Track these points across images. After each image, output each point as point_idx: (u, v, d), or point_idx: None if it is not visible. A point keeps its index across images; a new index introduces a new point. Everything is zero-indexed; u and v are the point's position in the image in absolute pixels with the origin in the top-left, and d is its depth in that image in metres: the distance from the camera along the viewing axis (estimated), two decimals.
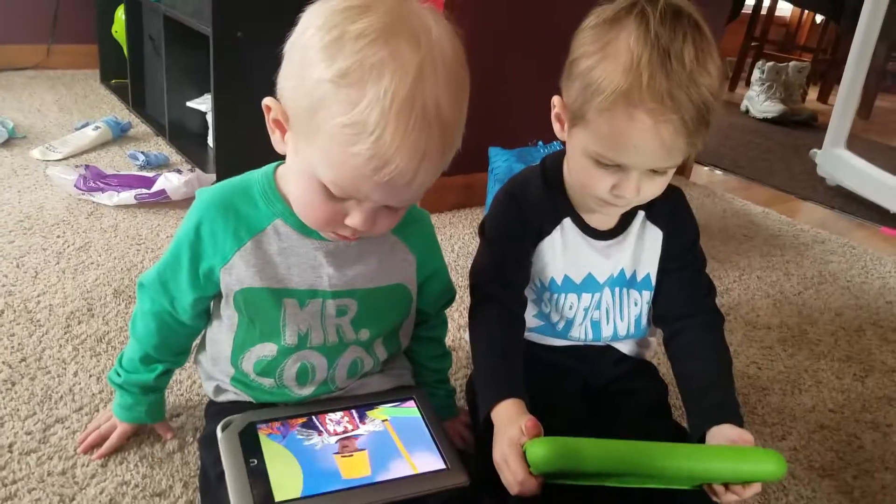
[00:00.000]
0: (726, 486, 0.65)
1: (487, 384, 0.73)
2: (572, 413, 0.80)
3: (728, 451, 0.65)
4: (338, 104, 0.56)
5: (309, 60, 0.57)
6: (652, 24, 0.66)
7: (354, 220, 0.63)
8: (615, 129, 0.68)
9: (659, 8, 0.67)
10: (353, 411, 0.75)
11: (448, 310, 0.87)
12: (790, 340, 1.26)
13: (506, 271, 0.81)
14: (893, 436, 1.02)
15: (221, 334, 0.75)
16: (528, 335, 0.87)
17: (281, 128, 0.64)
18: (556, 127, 0.79)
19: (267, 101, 0.63)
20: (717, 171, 2.34)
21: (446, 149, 0.60)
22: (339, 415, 0.74)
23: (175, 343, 0.79)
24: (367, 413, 0.75)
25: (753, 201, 2.00)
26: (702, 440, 0.71)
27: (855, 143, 2.17)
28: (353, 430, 0.73)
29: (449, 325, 0.89)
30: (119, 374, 0.80)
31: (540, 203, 0.82)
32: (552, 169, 0.83)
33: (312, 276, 0.71)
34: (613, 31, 0.69)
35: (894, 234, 1.88)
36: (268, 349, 0.73)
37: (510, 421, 0.67)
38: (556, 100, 0.77)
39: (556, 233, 0.81)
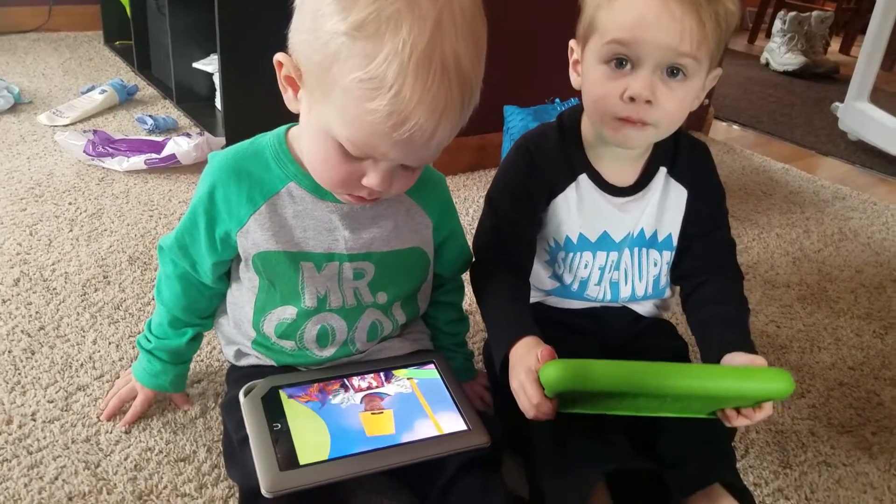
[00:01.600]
0: (738, 411, 0.67)
1: (500, 331, 0.74)
2: None
3: (736, 371, 0.65)
4: (354, 58, 0.54)
5: (322, 12, 0.55)
6: None
7: (371, 179, 0.61)
8: (623, 9, 0.68)
9: None
10: (375, 374, 0.75)
11: (464, 274, 0.86)
12: (809, 298, 1.24)
13: (509, 241, 0.81)
14: None
15: (243, 297, 0.75)
16: (544, 299, 0.87)
17: (293, 85, 0.62)
18: (572, 77, 0.77)
19: (278, 56, 0.62)
20: (736, 126, 2.29)
21: (465, 104, 0.58)
22: (361, 378, 0.75)
23: (201, 304, 0.79)
24: (388, 376, 0.75)
25: (773, 157, 1.96)
26: None
27: (878, 96, 2.10)
28: (378, 387, 0.73)
29: (466, 290, 0.88)
30: (149, 340, 0.80)
31: (555, 156, 0.80)
32: (569, 122, 0.82)
33: (329, 240, 0.71)
34: None
35: None
36: (288, 312, 0.73)
37: (527, 351, 0.68)
38: (572, 43, 0.76)
39: (571, 189, 0.80)
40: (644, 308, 0.87)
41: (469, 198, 1.51)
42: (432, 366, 0.78)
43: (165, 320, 0.79)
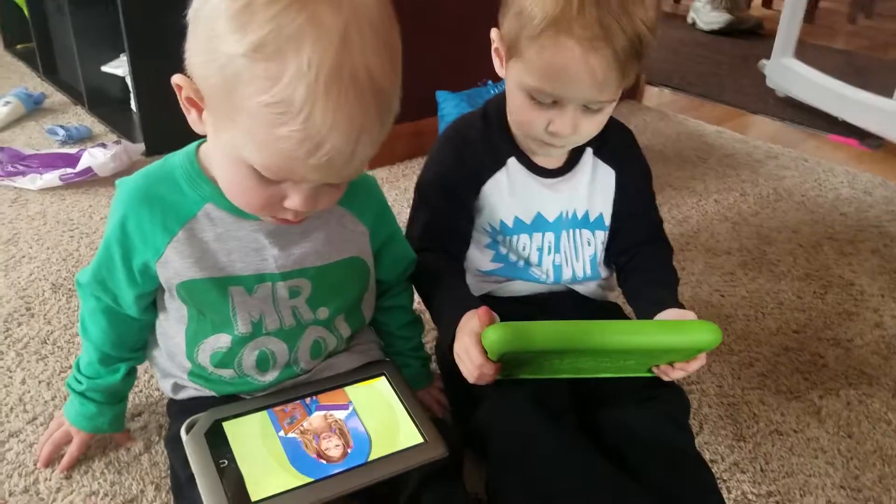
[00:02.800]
0: (672, 364, 0.70)
1: (446, 313, 0.74)
2: None
3: (667, 324, 0.68)
4: (256, 80, 0.50)
5: (217, 32, 0.51)
6: None
7: (294, 201, 0.58)
8: (546, 58, 0.68)
9: None
10: (324, 395, 0.72)
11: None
12: (751, 264, 1.26)
13: (440, 230, 0.81)
14: (854, 350, 1.05)
15: (172, 328, 0.71)
16: (493, 290, 0.86)
17: (196, 106, 0.58)
18: (496, 63, 0.77)
19: (176, 79, 0.57)
20: (667, 91, 2.31)
21: (384, 117, 0.55)
22: (309, 400, 0.72)
23: (131, 338, 0.74)
24: (338, 395, 0.73)
25: (706, 120, 1.98)
26: None
27: (803, 50, 2.15)
28: (328, 408, 0.71)
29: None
30: (80, 382, 0.75)
31: (481, 144, 0.80)
32: (495, 110, 0.82)
33: (257, 260, 0.67)
34: None
35: (843, 141, 1.90)
36: (222, 340, 0.69)
37: (470, 317, 0.68)
38: (493, 33, 0.75)
39: (501, 174, 0.80)
40: (588, 289, 0.88)
41: (409, 188, 1.47)
42: (383, 378, 0.76)
43: (95, 358, 0.74)
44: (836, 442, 0.88)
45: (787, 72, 2.12)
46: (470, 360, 0.65)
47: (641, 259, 0.85)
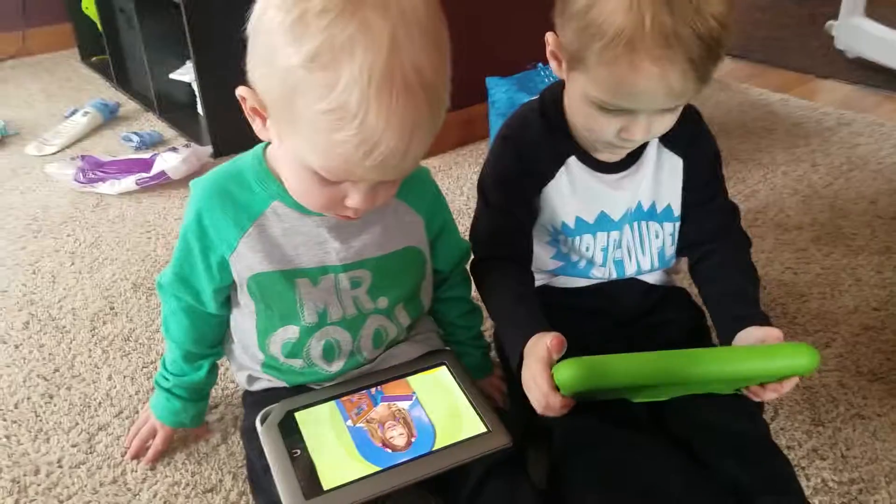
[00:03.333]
0: (762, 385, 0.65)
1: (512, 333, 0.72)
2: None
3: (758, 351, 0.63)
4: (313, 90, 0.53)
5: (275, 45, 0.54)
6: None
7: (354, 200, 0.61)
8: (618, 77, 0.64)
9: None
10: (388, 385, 0.74)
11: (467, 264, 0.84)
12: (824, 238, 1.21)
13: (505, 233, 0.79)
14: None
15: (245, 322, 0.75)
16: (550, 281, 0.85)
17: (260, 115, 0.62)
18: (552, 64, 0.74)
19: (240, 91, 0.61)
20: (727, 59, 2.20)
21: (435, 113, 0.57)
22: (374, 390, 0.74)
23: (210, 334, 0.79)
24: (401, 385, 0.74)
25: (770, 88, 1.89)
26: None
27: (874, 7, 2.01)
28: (392, 398, 0.73)
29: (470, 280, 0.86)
30: (167, 379, 0.80)
31: (540, 145, 0.78)
32: (552, 104, 0.79)
33: (320, 253, 0.70)
34: None
35: None
36: (290, 331, 0.73)
37: (536, 342, 0.66)
38: (549, 37, 0.72)
39: (562, 174, 0.78)
40: (653, 277, 0.86)
41: (462, 176, 1.47)
42: (444, 367, 0.77)
43: (179, 356, 0.79)
44: None
45: (857, 31, 2.00)
46: (538, 389, 0.62)
47: (717, 260, 0.80)
